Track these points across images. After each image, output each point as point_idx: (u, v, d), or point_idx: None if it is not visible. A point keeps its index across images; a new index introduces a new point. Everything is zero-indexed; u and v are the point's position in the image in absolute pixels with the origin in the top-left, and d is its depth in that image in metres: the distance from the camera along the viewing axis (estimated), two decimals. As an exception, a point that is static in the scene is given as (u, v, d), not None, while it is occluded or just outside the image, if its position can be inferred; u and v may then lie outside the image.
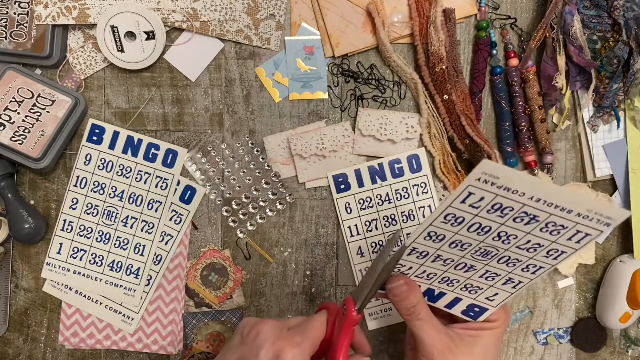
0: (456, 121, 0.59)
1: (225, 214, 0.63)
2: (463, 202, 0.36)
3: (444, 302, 0.47)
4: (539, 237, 0.38)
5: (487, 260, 0.41)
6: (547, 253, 0.39)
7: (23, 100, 0.59)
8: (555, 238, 0.38)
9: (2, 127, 0.59)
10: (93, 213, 0.62)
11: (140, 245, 0.62)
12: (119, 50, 0.60)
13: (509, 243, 0.39)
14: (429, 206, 0.61)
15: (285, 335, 0.41)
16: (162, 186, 0.62)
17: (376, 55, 0.61)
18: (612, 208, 0.34)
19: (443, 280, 0.45)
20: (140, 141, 0.62)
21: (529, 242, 0.39)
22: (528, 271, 0.42)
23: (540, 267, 0.41)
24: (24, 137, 0.59)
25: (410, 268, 0.44)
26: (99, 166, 0.62)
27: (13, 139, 0.59)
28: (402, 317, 0.45)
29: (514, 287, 0.43)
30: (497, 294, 0.44)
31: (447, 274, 0.44)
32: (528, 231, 0.38)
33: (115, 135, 0.62)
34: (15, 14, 0.59)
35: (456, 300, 0.46)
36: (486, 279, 0.43)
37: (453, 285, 0.45)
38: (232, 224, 0.63)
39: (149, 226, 0.62)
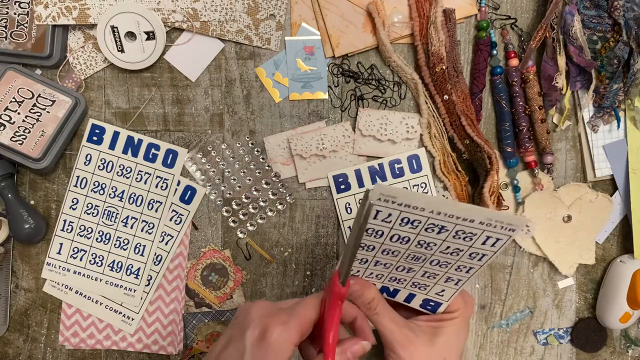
0: (456, 121, 0.59)
1: (225, 214, 0.63)
2: (375, 218, 0.39)
3: (401, 297, 0.49)
4: (455, 243, 0.40)
5: (420, 263, 0.44)
6: (470, 256, 0.42)
7: (23, 100, 0.59)
8: (470, 243, 0.40)
9: (2, 127, 0.59)
10: (93, 213, 0.62)
11: (140, 245, 0.62)
12: (119, 50, 0.60)
13: (431, 249, 0.42)
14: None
15: (272, 314, 0.41)
16: (162, 186, 0.62)
17: (376, 55, 0.61)
18: (509, 216, 0.37)
19: (391, 280, 0.47)
20: (140, 141, 0.62)
21: (448, 247, 0.41)
22: (461, 271, 0.44)
23: (470, 267, 0.43)
24: (24, 137, 0.59)
25: (358, 271, 0.46)
26: (99, 166, 0.62)
27: (13, 139, 0.59)
28: (364, 314, 0.47)
29: (456, 284, 0.46)
30: (443, 290, 0.47)
31: (392, 274, 0.46)
32: (443, 239, 0.40)
33: (115, 135, 0.62)
34: (15, 14, 0.59)
35: (411, 296, 0.49)
36: (427, 277, 0.46)
37: (402, 284, 0.47)
38: (232, 224, 0.63)
39: (149, 226, 0.62)
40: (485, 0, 0.60)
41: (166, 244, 0.62)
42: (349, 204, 0.62)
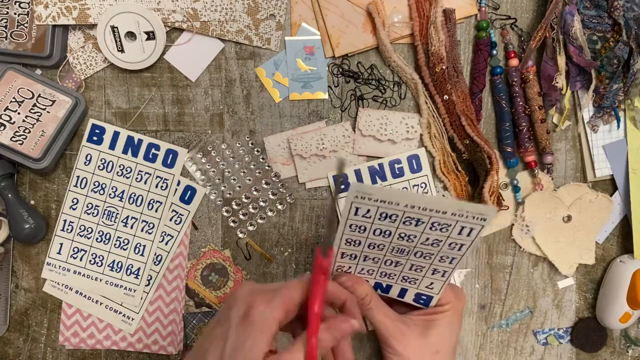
0: (456, 121, 0.59)
1: (225, 214, 0.63)
2: (355, 214, 0.42)
3: (395, 292, 0.51)
4: (433, 234, 0.43)
5: (406, 255, 0.46)
6: (449, 246, 0.44)
7: (23, 100, 0.59)
8: (447, 234, 0.42)
9: (2, 127, 0.59)
10: (93, 213, 0.62)
11: (140, 245, 0.62)
12: (119, 50, 0.60)
13: (412, 241, 0.44)
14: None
15: (257, 293, 0.41)
16: (162, 186, 0.62)
17: (376, 55, 0.61)
18: (477, 206, 0.40)
19: (382, 275, 0.49)
20: (140, 141, 0.62)
21: (427, 239, 0.43)
22: (444, 261, 0.46)
23: (453, 258, 0.45)
24: (24, 137, 0.59)
25: (350, 267, 0.48)
26: (99, 166, 0.62)
27: (13, 139, 0.59)
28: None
29: (443, 276, 0.47)
30: (432, 283, 0.48)
31: (382, 269, 0.48)
32: (421, 231, 0.43)
33: (115, 135, 0.62)
34: (15, 14, 0.59)
35: (403, 290, 0.50)
36: (415, 270, 0.47)
37: (393, 278, 0.49)
38: (232, 224, 0.63)
39: (149, 226, 0.62)
40: (485, 0, 0.60)
41: (166, 244, 0.62)
42: (349, 204, 0.62)
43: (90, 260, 0.63)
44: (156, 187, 0.62)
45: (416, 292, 0.50)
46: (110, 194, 0.62)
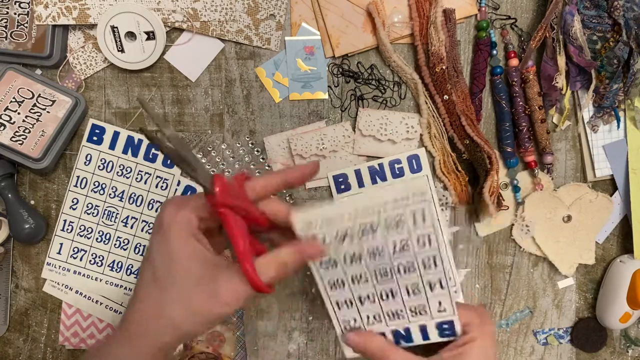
0: (456, 121, 0.59)
1: (225, 214, 0.63)
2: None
3: (418, 337, 0.47)
4: (394, 235, 0.41)
5: (393, 277, 0.43)
6: (419, 244, 0.41)
7: (23, 100, 0.59)
8: (405, 229, 0.40)
9: (2, 127, 0.59)
10: (93, 213, 0.62)
11: (140, 245, 0.62)
12: (119, 50, 0.60)
13: (384, 255, 0.42)
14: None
15: (169, 203, 0.41)
16: (162, 186, 0.62)
17: (376, 55, 0.61)
18: (409, 181, 0.39)
19: (391, 316, 0.46)
20: (140, 141, 0.62)
21: (394, 244, 0.41)
22: (432, 267, 0.43)
23: (433, 257, 0.42)
24: (24, 137, 0.59)
25: (355, 320, 0.45)
26: (99, 166, 0.62)
27: (13, 139, 0.59)
28: None
29: (442, 287, 0.44)
30: (440, 302, 0.45)
31: (385, 308, 0.45)
32: (384, 235, 0.41)
33: (115, 135, 0.62)
34: (15, 14, 0.59)
35: (423, 329, 0.46)
36: (414, 294, 0.44)
37: (403, 317, 0.46)
38: (232, 224, 0.63)
39: (149, 226, 0.62)
40: (485, 0, 0.60)
41: (166, 244, 0.62)
42: (349, 204, 0.62)
43: (90, 260, 0.63)
44: (156, 187, 0.62)
45: (434, 322, 0.46)
46: (110, 194, 0.62)
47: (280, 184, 0.43)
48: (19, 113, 0.59)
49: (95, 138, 0.62)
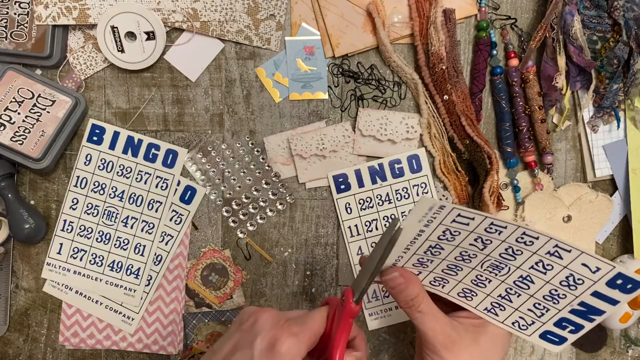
0: (456, 121, 0.59)
1: (225, 214, 0.63)
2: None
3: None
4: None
5: (500, 275, 0.44)
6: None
7: (23, 100, 0.59)
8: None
9: (2, 127, 0.59)
10: (93, 213, 0.62)
11: (140, 245, 0.62)
12: (119, 50, 0.60)
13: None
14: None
15: (282, 325, 0.40)
16: (162, 186, 0.62)
17: (376, 55, 0.61)
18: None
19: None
20: (140, 141, 0.62)
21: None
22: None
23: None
24: (24, 137, 0.59)
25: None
26: (99, 166, 0.62)
27: (13, 139, 0.59)
28: (402, 309, 0.45)
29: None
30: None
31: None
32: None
33: (115, 135, 0.62)
34: (15, 14, 0.59)
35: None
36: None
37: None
38: (232, 224, 0.63)
39: (149, 226, 0.62)
40: (485, 0, 0.60)
41: (166, 244, 0.62)
42: (349, 204, 0.62)
43: (90, 260, 0.63)
44: (156, 187, 0.62)
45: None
46: (110, 194, 0.62)
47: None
48: (19, 113, 0.59)
49: (95, 138, 0.62)
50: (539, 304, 0.44)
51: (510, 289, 0.44)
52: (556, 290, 0.42)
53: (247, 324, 0.41)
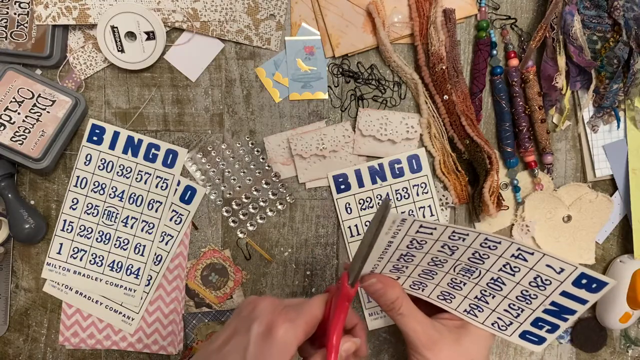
0: (456, 121, 0.59)
1: (225, 214, 0.63)
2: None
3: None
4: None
5: (473, 279, 0.45)
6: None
7: (23, 100, 0.59)
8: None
9: (2, 127, 0.59)
10: (93, 213, 0.62)
11: (140, 245, 0.62)
12: (119, 50, 0.60)
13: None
14: (429, 206, 0.61)
15: (280, 311, 0.40)
16: (162, 186, 0.62)
17: (376, 55, 0.61)
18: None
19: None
20: (140, 141, 0.62)
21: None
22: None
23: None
24: (24, 137, 0.59)
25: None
26: (99, 166, 0.62)
27: (13, 139, 0.59)
28: (385, 312, 0.46)
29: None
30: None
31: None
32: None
33: (115, 135, 0.62)
34: (15, 14, 0.59)
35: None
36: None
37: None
38: (232, 224, 0.63)
39: (149, 226, 0.62)
40: (485, 0, 0.60)
41: (166, 244, 0.62)
42: (349, 204, 0.62)
43: (90, 260, 0.63)
44: (156, 187, 0.62)
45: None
46: (110, 194, 0.62)
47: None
48: (19, 113, 0.59)
49: (95, 138, 0.62)
50: (514, 305, 0.45)
51: (485, 291, 0.45)
52: (527, 291, 0.43)
53: (245, 311, 0.42)
